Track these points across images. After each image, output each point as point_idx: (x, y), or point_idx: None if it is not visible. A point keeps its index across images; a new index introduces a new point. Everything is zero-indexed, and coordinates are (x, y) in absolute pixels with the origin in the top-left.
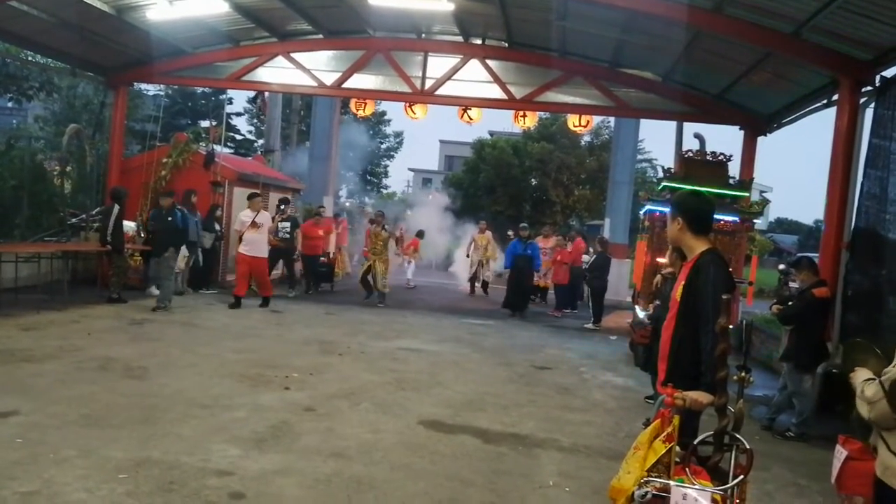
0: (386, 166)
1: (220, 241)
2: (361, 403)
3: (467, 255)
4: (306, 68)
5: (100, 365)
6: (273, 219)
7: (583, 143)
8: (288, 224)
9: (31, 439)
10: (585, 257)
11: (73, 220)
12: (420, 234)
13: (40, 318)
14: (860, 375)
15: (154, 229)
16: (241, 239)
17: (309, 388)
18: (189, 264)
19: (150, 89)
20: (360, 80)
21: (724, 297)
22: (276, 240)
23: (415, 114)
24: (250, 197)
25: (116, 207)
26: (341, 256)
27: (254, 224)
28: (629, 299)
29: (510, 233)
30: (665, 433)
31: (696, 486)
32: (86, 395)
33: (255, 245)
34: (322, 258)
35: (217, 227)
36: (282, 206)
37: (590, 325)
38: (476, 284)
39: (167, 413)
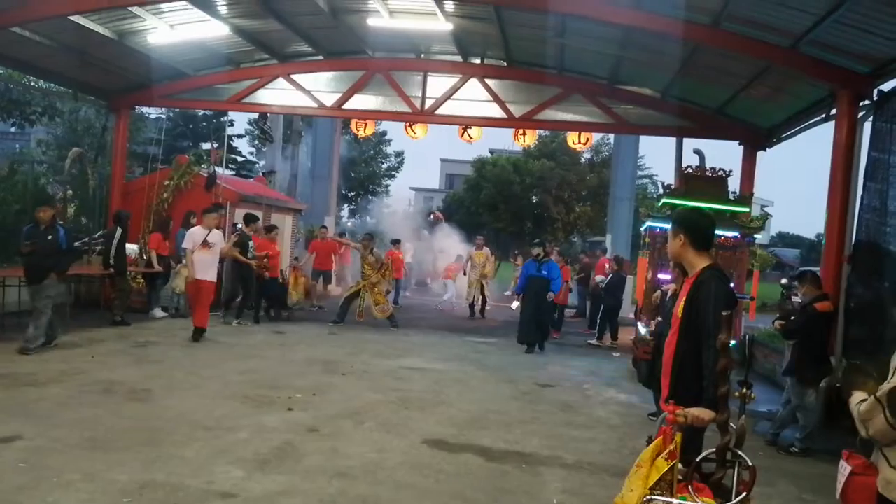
0: (387, 186)
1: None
2: (365, 423)
3: (464, 273)
4: (307, 89)
5: (103, 388)
6: (231, 237)
7: (583, 159)
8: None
9: (34, 464)
10: (600, 277)
11: (76, 243)
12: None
13: None
14: (856, 398)
15: (29, 250)
16: (190, 260)
17: (312, 409)
18: None
19: (152, 112)
20: (360, 101)
21: (725, 313)
22: (260, 261)
23: (415, 133)
24: (206, 212)
25: (119, 230)
26: (298, 276)
27: (205, 243)
28: (631, 315)
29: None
30: (668, 450)
31: None
32: (89, 419)
33: (205, 267)
34: (279, 280)
35: None
36: (239, 225)
37: (593, 342)
38: (475, 306)
39: (171, 435)
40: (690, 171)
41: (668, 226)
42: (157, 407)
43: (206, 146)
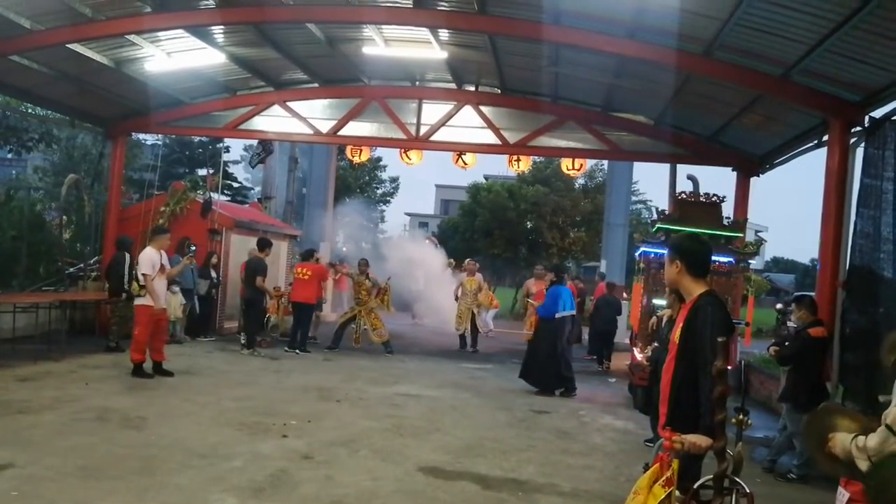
0: (382, 211)
1: (216, 288)
2: (360, 450)
3: (456, 299)
4: (302, 116)
5: (97, 415)
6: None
7: (577, 185)
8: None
9: (27, 492)
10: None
11: (71, 269)
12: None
13: (37, 369)
14: (842, 438)
15: None
16: (144, 286)
17: (307, 436)
18: (186, 312)
19: (148, 139)
20: (355, 128)
21: (720, 339)
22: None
23: (410, 159)
24: (157, 232)
25: (127, 256)
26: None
27: (162, 267)
28: (626, 341)
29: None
30: (664, 477)
31: None
32: (83, 447)
33: (162, 293)
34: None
35: (213, 274)
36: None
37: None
38: (466, 338)
39: (165, 463)
40: (684, 196)
41: (662, 251)
42: (152, 434)
43: (202, 172)
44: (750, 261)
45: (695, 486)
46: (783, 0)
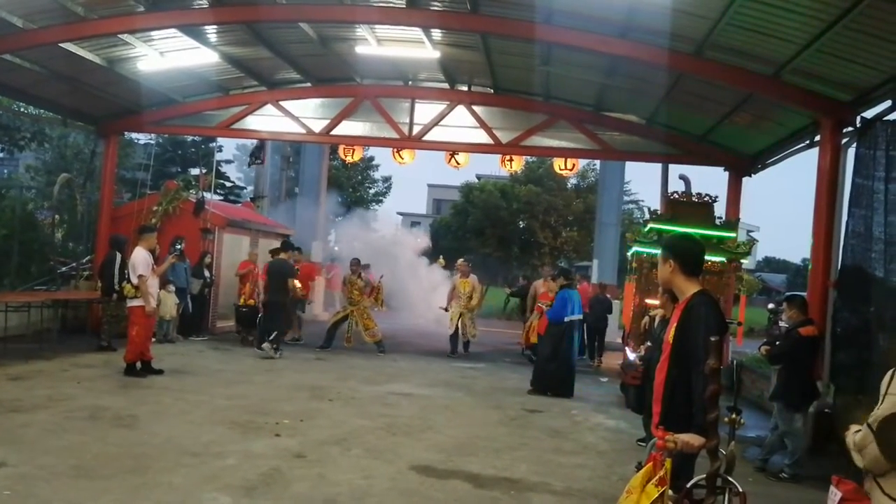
0: (374, 211)
1: (209, 287)
2: (352, 449)
3: (446, 309)
4: (295, 116)
5: (89, 414)
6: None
7: (569, 185)
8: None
9: (19, 491)
10: None
11: (63, 268)
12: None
13: (29, 368)
14: (852, 430)
15: None
16: (140, 287)
17: (300, 435)
18: (179, 311)
19: (141, 138)
20: (348, 127)
21: (713, 338)
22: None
23: (402, 159)
24: (146, 231)
25: (119, 255)
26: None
27: (153, 268)
28: (619, 340)
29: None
30: (657, 476)
31: None
32: (75, 446)
33: (155, 294)
34: (243, 309)
35: (206, 273)
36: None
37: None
38: (458, 342)
39: (158, 462)
40: (676, 196)
41: (654, 251)
42: (144, 433)
43: (195, 171)
44: (742, 260)
45: (688, 485)
46: (774, 0)
